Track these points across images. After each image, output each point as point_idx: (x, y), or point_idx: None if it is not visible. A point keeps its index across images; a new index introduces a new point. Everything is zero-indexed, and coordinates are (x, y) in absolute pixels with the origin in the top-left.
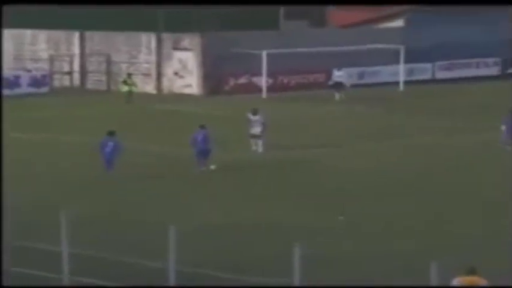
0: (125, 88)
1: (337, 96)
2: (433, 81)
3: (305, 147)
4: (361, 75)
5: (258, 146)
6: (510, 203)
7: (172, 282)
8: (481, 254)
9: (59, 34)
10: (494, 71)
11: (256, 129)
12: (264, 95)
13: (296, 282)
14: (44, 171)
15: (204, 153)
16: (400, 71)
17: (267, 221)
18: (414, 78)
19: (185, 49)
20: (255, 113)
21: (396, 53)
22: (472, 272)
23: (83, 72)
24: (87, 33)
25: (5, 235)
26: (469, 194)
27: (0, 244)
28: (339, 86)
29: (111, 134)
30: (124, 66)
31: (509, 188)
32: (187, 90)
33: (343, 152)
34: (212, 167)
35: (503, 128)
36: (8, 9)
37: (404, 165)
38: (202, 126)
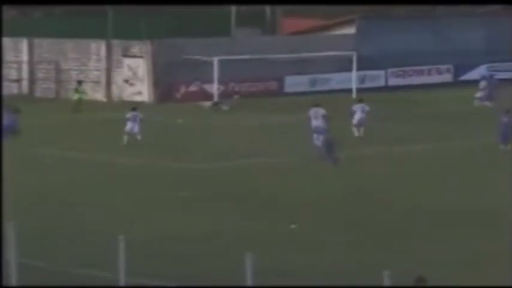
0: (75, 96)
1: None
2: (386, 88)
3: (252, 157)
4: (313, 83)
5: None
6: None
7: None
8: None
9: (7, 41)
10: (446, 78)
11: None
12: None
13: None
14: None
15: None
16: (352, 78)
17: (215, 232)
18: (366, 85)
19: (135, 56)
20: None
21: (348, 60)
22: (420, 281)
23: (32, 79)
24: (36, 40)
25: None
26: (417, 205)
27: (1, 244)
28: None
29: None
30: (73, 73)
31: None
32: (137, 98)
33: (289, 161)
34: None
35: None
36: None
37: (350, 176)
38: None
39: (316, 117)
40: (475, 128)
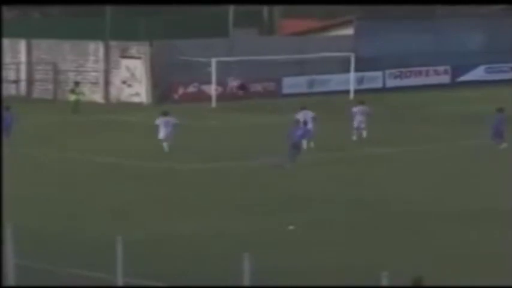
0: (73, 97)
1: None
2: (384, 89)
3: (251, 158)
4: (310, 84)
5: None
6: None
7: None
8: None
9: (5, 42)
10: (444, 79)
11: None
12: (214, 103)
13: None
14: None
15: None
16: (350, 80)
17: (214, 232)
18: (364, 86)
19: (133, 57)
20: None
21: (346, 61)
22: (417, 282)
23: (30, 81)
24: (34, 41)
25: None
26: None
27: (0, 243)
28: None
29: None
30: (71, 74)
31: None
32: (135, 99)
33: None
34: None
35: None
36: None
37: (348, 177)
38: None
39: (305, 120)
40: (472, 129)
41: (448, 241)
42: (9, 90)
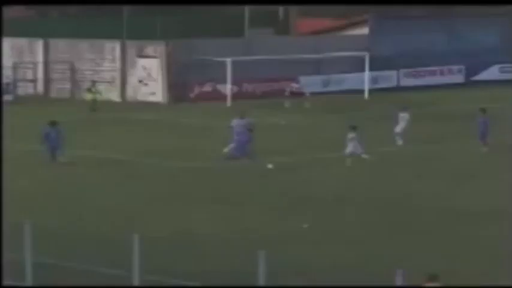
0: (90, 96)
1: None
2: (398, 88)
3: (267, 156)
4: (326, 83)
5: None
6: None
7: None
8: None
9: (23, 42)
10: (458, 78)
11: None
12: (229, 102)
13: None
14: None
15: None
16: (365, 79)
17: (230, 230)
18: (379, 86)
19: (149, 57)
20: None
21: (361, 61)
22: (433, 279)
23: (47, 80)
24: (51, 41)
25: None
26: (425, 203)
27: (0, 244)
28: (297, 95)
29: (53, 124)
30: (88, 74)
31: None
32: (151, 98)
33: (300, 160)
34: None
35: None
36: None
37: (360, 177)
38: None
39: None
40: None
41: (450, 240)
42: (27, 89)
